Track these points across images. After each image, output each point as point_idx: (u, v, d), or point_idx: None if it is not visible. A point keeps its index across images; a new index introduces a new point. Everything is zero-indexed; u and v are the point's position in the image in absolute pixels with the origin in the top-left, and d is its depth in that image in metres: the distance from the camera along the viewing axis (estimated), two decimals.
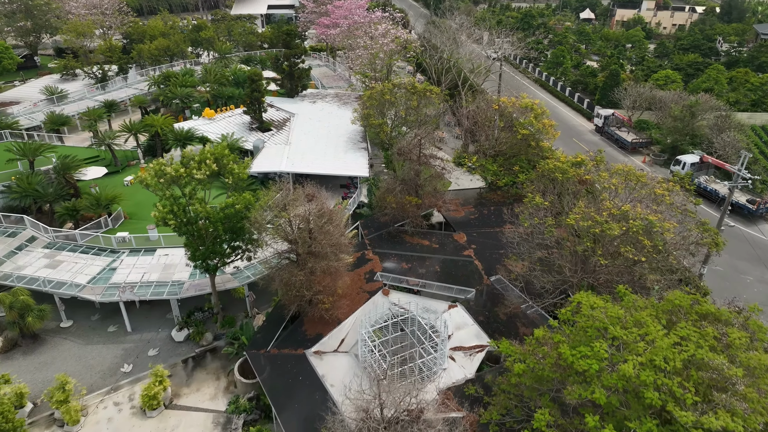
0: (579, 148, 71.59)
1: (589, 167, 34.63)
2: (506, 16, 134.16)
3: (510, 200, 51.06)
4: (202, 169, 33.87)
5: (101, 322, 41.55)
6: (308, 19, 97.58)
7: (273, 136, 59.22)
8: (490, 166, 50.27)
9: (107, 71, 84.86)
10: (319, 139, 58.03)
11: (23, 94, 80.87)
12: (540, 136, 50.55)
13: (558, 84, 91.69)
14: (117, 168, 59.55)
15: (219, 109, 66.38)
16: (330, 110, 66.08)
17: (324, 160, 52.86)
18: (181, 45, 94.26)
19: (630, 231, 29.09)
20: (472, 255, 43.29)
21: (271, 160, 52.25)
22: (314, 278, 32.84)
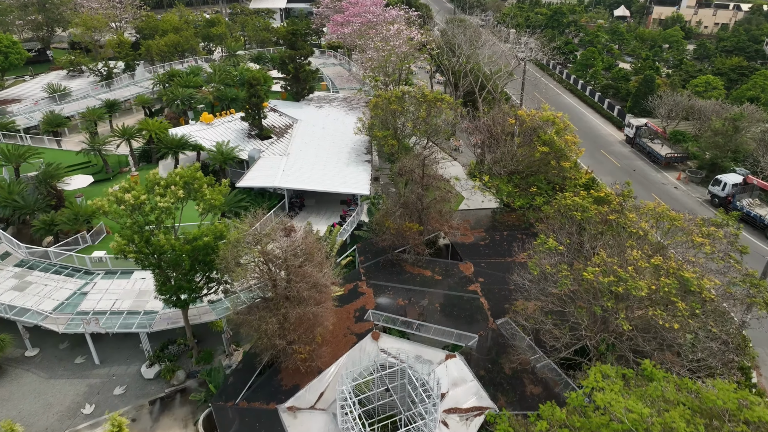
0: (606, 162, 65.82)
1: (615, 204, 29.42)
2: (535, 13, 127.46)
3: (525, 224, 46.04)
4: (167, 195, 29.84)
5: (69, 351, 38.16)
6: (324, 14, 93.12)
7: (272, 145, 55.12)
8: (504, 186, 45.23)
9: (113, 68, 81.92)
10: (321, 149, 53.70)
11: (26, 91, 78.56)
12: (561, 154, 45.24)
13: (587, 88, 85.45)
14: (108, 175, 56.37)
15: (219, 113, 62.62)
16: (336, 116, 61.66)
17: (322, 175, 48.53)
18: (192, 41, 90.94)
19: (660, 291, 24.00)
20: (479, 290, 38.49)
21: (265, 174, 48.14)
22: (288, 325, 28.60)
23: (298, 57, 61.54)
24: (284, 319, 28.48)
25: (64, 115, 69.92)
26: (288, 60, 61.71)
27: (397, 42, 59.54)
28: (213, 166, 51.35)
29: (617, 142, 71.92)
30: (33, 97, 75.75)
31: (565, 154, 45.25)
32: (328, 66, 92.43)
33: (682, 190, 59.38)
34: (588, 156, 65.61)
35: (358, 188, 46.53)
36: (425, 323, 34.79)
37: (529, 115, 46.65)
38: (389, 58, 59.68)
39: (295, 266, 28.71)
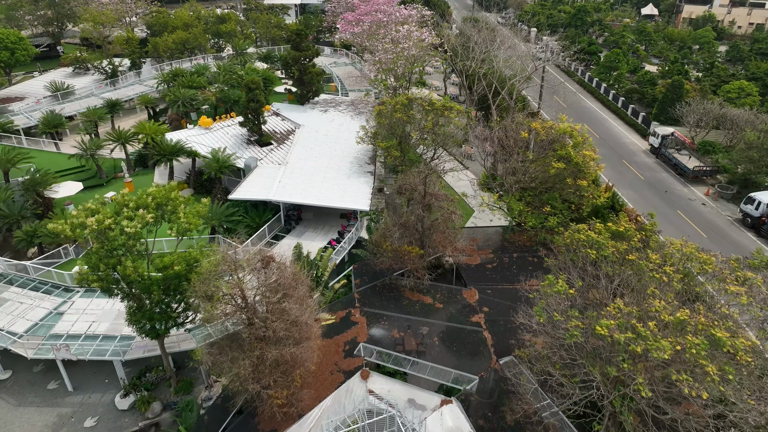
0: (628, 173, 61.62)
1: (635, 241, 25.76)
2: (558, 11, 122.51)
3: (537, 246, 42.48)
4: (135, 219, 27.09)
5: (43, 375, 35.86)
6: (336, 12, 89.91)
7: (271, 152, 52.26)
8: (514, 204, 41.68)
9: (118, 66, 79.91)
10: (321, 157, 50.68)
11: (30, 88, 77.03)
12: (579, 170, 41.51)
13: (610, 92, 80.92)
14: (102, 181, 54.17)
15: (220, 116, 60.02)
16: (341, 122, 58.55)
17: (321, 187, 45.52)
18: (200, 39, 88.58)
19: (687, 352, 20.48)
20: (482, 322, 35.15)
21: (260, 185, 45.31)
22: (264, 368, 25.69)
23: (302, 59, 58.53)
24: (259, 361, 25.57)
25: (65, 115, 68.22)
26: (292, 61, 58.74)
27: (407, 44, 56.11)
28: (208, 174, 48.71)
29: (641, 152, 67.54)
30: (36, 95, 74.16)
31: (583, 171, 41.50)
32: (340, 66, 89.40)
33: (711, 207, 55.04)
34: (609, 167, 61.54)
35: (357, 203, 43.41)
36: (421, 360, 31.61)
37: (544, 128, 42.94)
38: (398, 61, 56.32)
39: (272, 302, 25.77)
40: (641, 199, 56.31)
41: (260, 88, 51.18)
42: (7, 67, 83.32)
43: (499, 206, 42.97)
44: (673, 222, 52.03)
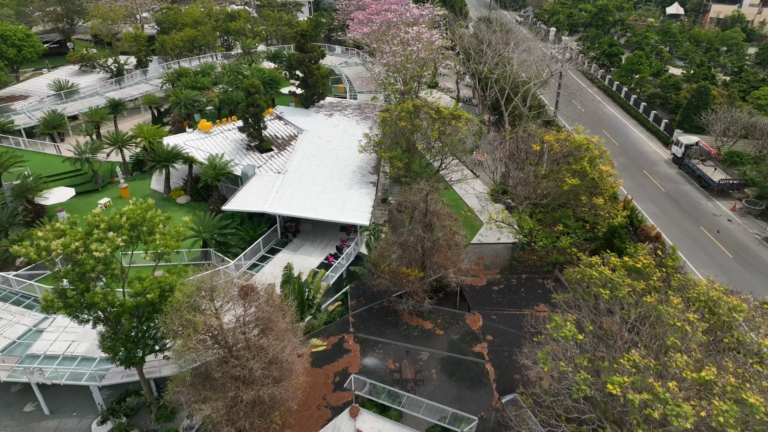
0: (649, 185, 58.23)
1: (655, 281, 22.91)
2: (579, 10, 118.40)
3: (548, 267, 39.68)
4: (105, 243, 24.97)
5: (20, 396, 34.11)
6: (347, 10, 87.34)
7: (271, 159, 50.05)
8: (524, 222, 38.91)
9: (123, 64, 78.37)
10: (323, 166, 48.31)
11: (35, 86, 75.80)
12: (594, 186, 38.61)
13: (631, 97, 77.25)
14: (98, 186, 52.47)
15: (221, 119, 58.00)
16: (346, 126, 56.09)
17: (319, 199, 43.18)
18: (208, 37, 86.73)
19: (713, 420, 17.71)
20: (485, 353, 32.56)
21: (255, 196, 43.12)
22: (239, 410, 23.44)
23: (307, 61, 56.14)
24: (234, 402, 23.32)
25: (67, 115, 66.90)
26: (296, 63, 56.39)
27: (416, 46, 53.41)
28: (204, 182, 46.67)
29: (662, 162, 64.00)
30: (40, 93, 72.94)
31: (599, 188, 38.56)
32: (350, 66, 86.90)
33: (738, 223, 51.54)
34: (628, 177, 58.28)
35: (356, 217, 40.96)
36: (416, 396, 29.16)
37: (558, 140, 40.04)
38: (406, 64, 53.67)
39: (249, 339, 23.50)
40: (662, 214, 53.02)
41: (260, 92, 48.95)
42: (14, 64, 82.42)
43: (508, 223, 40.20)
44: (695, 239, 48.74)
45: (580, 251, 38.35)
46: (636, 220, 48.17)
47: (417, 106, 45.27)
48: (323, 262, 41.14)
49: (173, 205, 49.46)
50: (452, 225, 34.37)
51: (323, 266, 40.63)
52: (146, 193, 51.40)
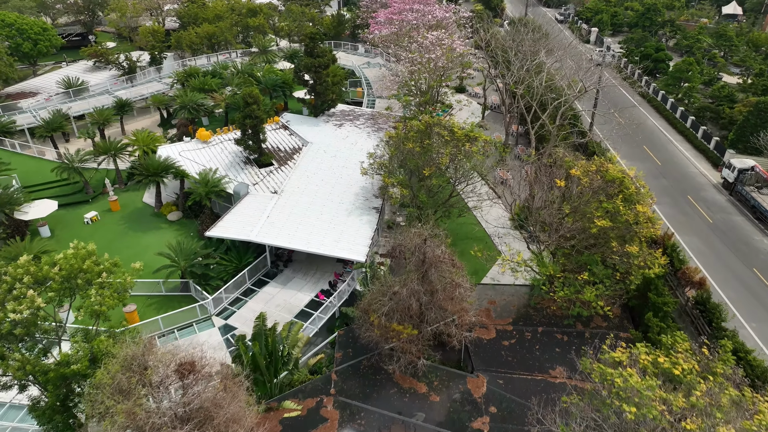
0: (693, 213, 51.52)
1: (699, 397, 17.45)
2: (624, 9, 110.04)
3: (569, 320, 34.29)
4: (23, 303, 21.07)
5: None
6: (371, 8, 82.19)
7: (269, 175, 45.87)
8: (543, 267, 33.50)
9: (136, 61, 75.44)
10: (323, 185, 43.81)
11: (46, 83, 73.56)
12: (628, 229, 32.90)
13: (677, 109, 69.83)
14: (88, 197, 49.33)
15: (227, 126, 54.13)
16: (355, 140, 51.36)
17: (314, 227, 38.74)
18: (226, 33, 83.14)
19: None
20: (486, 430, 27.58)
21: (243, 221, 38.99)
22: None
23: (317, 66, 51.55)
24: None
25: (73, 114, 64.37)
26: (304, 69, 51.88)
27: (434, 54, 48.12)
28: (193, 199, 42.82)
29: (711, 186, 56.94)
30: (51, 90, 70.64)
31: (634, 232, 32.81)
32: (373, 66, 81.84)
33: None
34: (669, 203, 51.91)
35: (352, 251, 36.32)
36: None
37: (587, 172, 34.35)
38: (422, 74, 48.50)
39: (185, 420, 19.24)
40: (708, 250, 46.50)
41: (259, 102, 44.67)
42: (31, 58, 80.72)
43: (525, 266, 34.81)
44: (747, 284, 42.25)
45: (609, 304, 32.91)
46: (677, 259, 41.94)
47: (429, 124, 40.16)
48: (314, 299, 36.76)
49: (163, 222, 45.91)
50: (455, 274, 29.38)
51: (313, 304, 36.27)
52: (138, 206, 48.04)
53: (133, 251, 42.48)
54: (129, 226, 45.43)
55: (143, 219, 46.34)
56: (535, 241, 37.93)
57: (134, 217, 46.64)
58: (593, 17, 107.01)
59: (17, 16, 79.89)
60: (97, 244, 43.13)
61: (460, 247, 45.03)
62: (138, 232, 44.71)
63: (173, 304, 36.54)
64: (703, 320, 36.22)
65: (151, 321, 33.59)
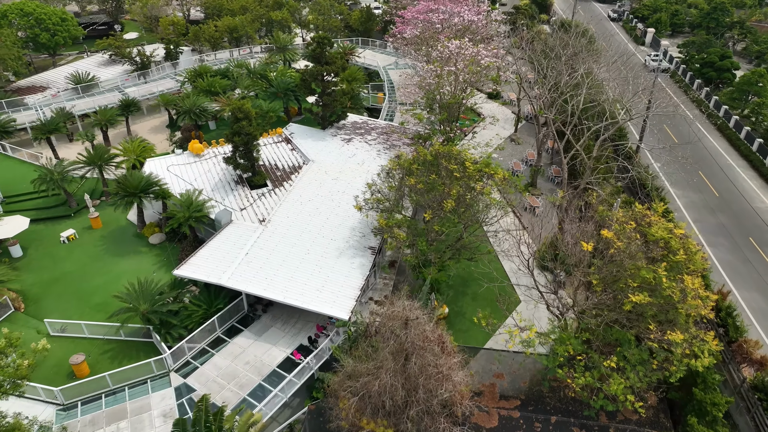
0: (757, 261, 43.58)
1: None
2: (686, 6, 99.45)
3: (591, 411, 28.00)
4: None
5: None
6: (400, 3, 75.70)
7: (260, 199, 40.91)
8: (562, 344, 27.21)
9: (150, 56, 71.67)
10: (316, 216, 38.47)
11: (57, 76, 70.80)
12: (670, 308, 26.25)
13: (742, 128, 60.83)
14: (70, 211, 45.59)
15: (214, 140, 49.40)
16: (363, 159, 45.67)
17: (297, 269, 33.56)
18: (248, 27, 78.47)
19: None
20: None
21: (218, 257, 34.18)
22: None
23: (325, 75, 46.00)
24: None
25: (78, 113, 61.16)
26: (310, 78, 46.39)
27: (454, 66, 41.70)
28: (172, 225, 38.28)
29: None
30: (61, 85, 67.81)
31: (679, 313, 26.11)
32: (400, 68, 75.56)
33: None
34: (727, 248, 44.29)
35: (335, 305, 30.94)
36: None
37: (623, 230, 27.69)
38: (439, 89, 42.25)
39: None
40: None
41: (251, 117, 39.58)
42: (49, 49, 78.37)
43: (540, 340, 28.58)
44: None
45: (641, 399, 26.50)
46: (732, 326, 34.67)
47: (440, 153, 34.10)
48: (289, 357, 31.65)
49: (144, 245, 41.68)
50: (445, 362, 23.56)
51: (288, 363, 31.18)
52: (121, 224, 44.02)
53: (105, 278, 38.51)
54: (106, 248, 41.44)
55: (123, 240, 42.28)
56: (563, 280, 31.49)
57: (114, 237, 42.64)
58: (650, 16, 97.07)
59: (37, 5, 77.50)
60: (70, 267, 39.95)
61: (472, 288, 39.07)
62: (115, 256, 40.64)
63: (132, 353, 32.20)
64: (764, 413, 29.25)
65: (98, 378, 29.22)
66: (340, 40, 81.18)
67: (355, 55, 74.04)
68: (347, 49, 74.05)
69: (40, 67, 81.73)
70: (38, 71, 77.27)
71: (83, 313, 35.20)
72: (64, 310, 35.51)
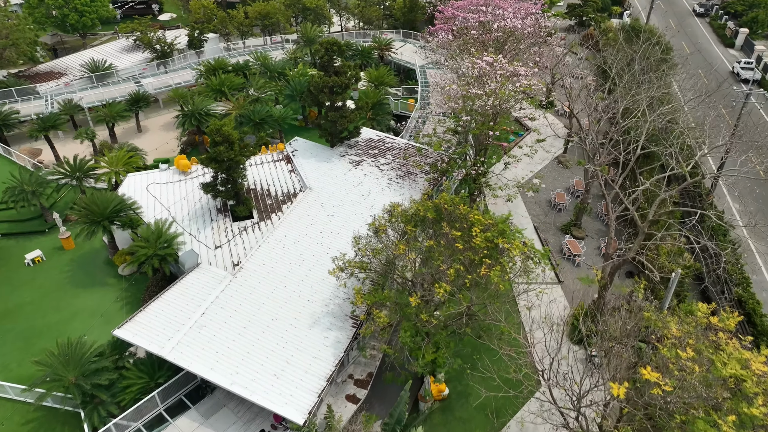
0: None
1: None
2: None
3: None
4: None
5: None
6: None
7: (241, 234, 35.01)
8: None
9: (172, 43, 66.75)
10: (297, 268, 32.06)
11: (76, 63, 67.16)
12: None
13: None
14: (45, 226, 41.41)
15: None
16: (370, 188, 38.69)
17: (257, 341, 27.48)
18: (279, 15, 72.20)
19: None
20: None
21: (168, 318, 28.58)
22: None
23: (333, 87, 39.08)
24: None
25: (86, 106, 57.14)
26: (315, 91, 39.55)
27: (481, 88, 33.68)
28: (132, 263, 33.06)
29: None
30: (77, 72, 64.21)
31: None
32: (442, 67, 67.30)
33: None
34: None
35: (289, 402, 24.66)
36: None
37: (676, 359, 19.73)
38: (462, 112, 34.48)
39: None
40: None
41: (232, 140, 33.39)
42: (77, 30, 75.19)
43: None
44: None
45: None
46: None
47: (444, 209, 26.80)
48: None
49: (112, 276, 36.87)
50: None
51: None
52: (95, 246, 39.38)
53: (59, 316, 34.03)
54: (72, 276, 36.94)
55: (92, 267, 37.67)
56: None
57: (84, 262, 38.10)
58: (745, 13, 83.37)
59: None
60: (27, 297, 35.44)
61: (486, 355, 31.58)
62: (78, 287, 36.07)
63: (57, 426, 27.33)
64: None
65: None
66: (379, 33, 73.69)
67: (390, 51, 66.51)
68: (383, 43, 66.65)
69: (72, 48, 79.07)
70: (69, 52, 74.45)
71: (22, 362, 30.78)
72: (3, 355, 31.20)
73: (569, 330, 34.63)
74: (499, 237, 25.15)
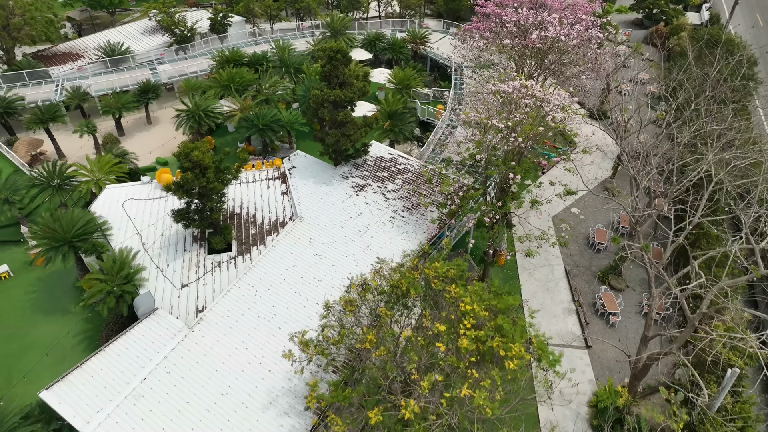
0: None
1: None
2: None
3: None
4: None
5: None
6: None
7: (214, 272, 30.56)
8: None
9: (192, 27, 62.39)
10: (265, 325, 27.23)
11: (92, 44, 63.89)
12: None
13: None
14: (20, 236, 38.27)
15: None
16: (369, 223, 33.15)
17: (192, 430, 22.97)
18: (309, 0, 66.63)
19: None
20: None
21: (107, 379, 24.52)
22: None
23: (337, 102, 33.52)
24: None
25: (95, 94, 53.73)
26: (315, 105, 34.06)
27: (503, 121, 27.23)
28: (86, 301, 29.23)
29: None
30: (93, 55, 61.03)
31: None
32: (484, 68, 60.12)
33: None
34: None
35: None
36: None
37: None
38: (481, 145, 28.26)
39: None
40: None
41: (204, 166, 28.62)
42: (104, 7, 72.18)
43: None
44: None
45: None
46: None
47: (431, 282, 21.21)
48: None
49: (78, 301, 33.31)
50: None
51: None
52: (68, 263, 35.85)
53: (13, 348, 30.83)
54: (35, 300, 33.66)
55: (57, 291, 34.29)
56: None
57: (51, 283, 34.77)
58: None
59: None
60: None
61: None
62: (39, 313, 32.77)
63: None
64: None
65: None
66: (418, 20, 66.93)
67: (425, 46, 59.86)
68: (418, 36, 60.07)
69: (102, 25, 76.32)
70: (99, 29, 71.60)
71: None
72: None
73: (591, 414, 28.89)
74: (496, 337, 19.36)
